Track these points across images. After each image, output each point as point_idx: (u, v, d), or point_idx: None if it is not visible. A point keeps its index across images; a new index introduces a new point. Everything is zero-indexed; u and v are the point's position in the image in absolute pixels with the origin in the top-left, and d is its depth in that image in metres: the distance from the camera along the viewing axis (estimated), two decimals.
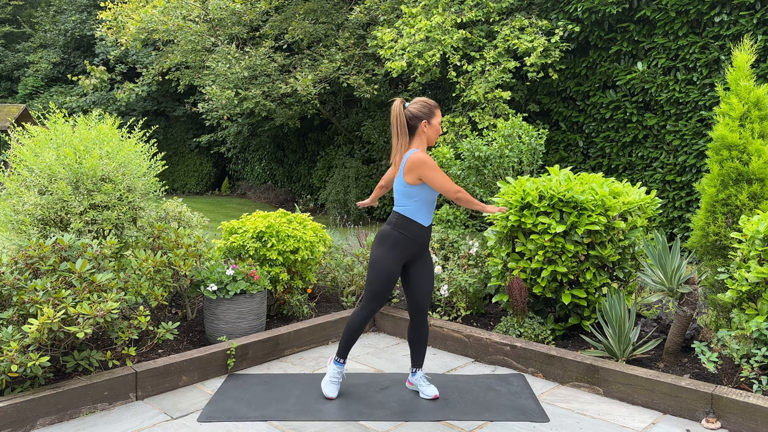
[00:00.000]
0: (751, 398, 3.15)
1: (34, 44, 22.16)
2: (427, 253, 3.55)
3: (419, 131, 3.39)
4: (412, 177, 3.31)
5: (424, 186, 3.35)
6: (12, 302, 3.39)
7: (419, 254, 3.50)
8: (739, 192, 3.96)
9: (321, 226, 5.08)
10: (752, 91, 4.09)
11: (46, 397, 3.21)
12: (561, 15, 9.10)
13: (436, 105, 3.42)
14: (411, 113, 3.38)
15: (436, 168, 3.31)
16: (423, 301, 3.52)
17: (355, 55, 11.49)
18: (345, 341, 3.55)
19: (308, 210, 14.45)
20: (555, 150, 9.60)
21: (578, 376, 3.75)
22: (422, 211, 3.39)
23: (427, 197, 3.38)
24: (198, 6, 11.57)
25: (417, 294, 3.51)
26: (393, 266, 3.39)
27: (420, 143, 3.40)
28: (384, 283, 3.39)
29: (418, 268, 3.50)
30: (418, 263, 3.51)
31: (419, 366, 3.65)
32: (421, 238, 3.43)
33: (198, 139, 17.65)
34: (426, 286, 3.51)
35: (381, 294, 3.43)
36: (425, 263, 3.53)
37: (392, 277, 3.40)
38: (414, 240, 3.40)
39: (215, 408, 3.44)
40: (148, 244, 4.36)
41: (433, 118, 3.39)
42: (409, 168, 3.31)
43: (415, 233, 3.39)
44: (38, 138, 4.48)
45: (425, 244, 3.49)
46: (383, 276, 3.38)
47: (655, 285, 3.84)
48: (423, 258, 3.52)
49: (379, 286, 3.40)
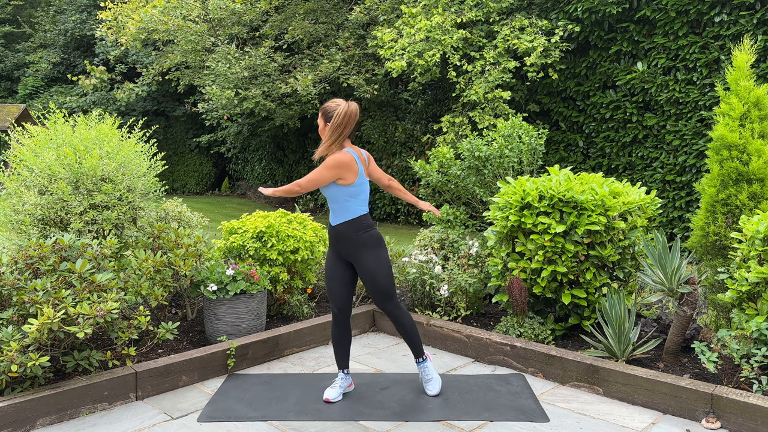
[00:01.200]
0: (751, 398, 3.15)
1: (34, 44, 22.15)
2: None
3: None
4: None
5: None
6: (12, 302, 3.39)
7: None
8: (739, 192, 3.96)
9: (321, 226, 5.08)
10: (752, 91, 4.08)
11: (46, 397, 3.21)
12: (561, 15, 9.10)
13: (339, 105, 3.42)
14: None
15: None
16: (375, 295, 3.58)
17: (355, 55, 11.49)
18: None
19: (308, 210, 14.45)
20: (555, 150, 9.60)
21: (578, 376, 3.75)
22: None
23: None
24: (198, 6, 11.57)
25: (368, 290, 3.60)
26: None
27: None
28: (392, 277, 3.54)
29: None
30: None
31: (417, 355, 3.65)
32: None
33: (198, 139, 17.65)
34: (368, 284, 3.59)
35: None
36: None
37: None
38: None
39: (215, 408, 3.44)
40: (148, 244, 4.36)
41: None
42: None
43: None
44: (38, 138, 4.48)
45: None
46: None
47: (655, 285, 3.84)
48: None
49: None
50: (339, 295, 3.52)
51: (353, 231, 3.40)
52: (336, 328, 3.55)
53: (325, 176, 3.32)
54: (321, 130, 3.45)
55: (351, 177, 3.35)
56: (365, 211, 3.45)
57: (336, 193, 3.39)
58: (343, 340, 3.57)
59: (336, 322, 3.54)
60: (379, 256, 3.43)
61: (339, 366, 3.62)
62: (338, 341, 3.57)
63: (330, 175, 3.32)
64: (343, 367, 3.61)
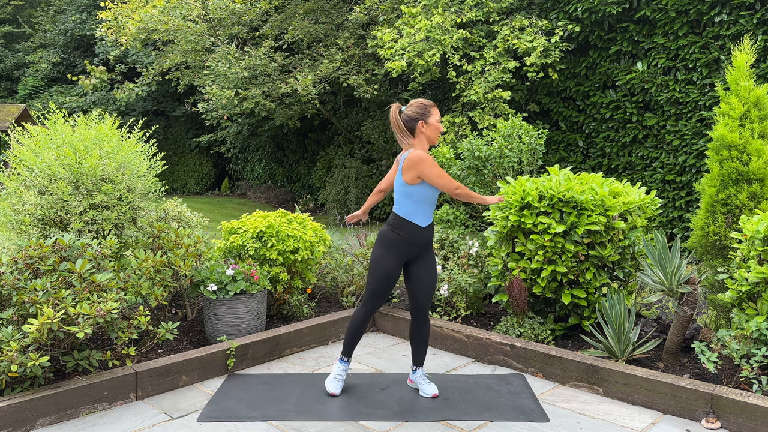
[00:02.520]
0: (751, 398, 3.15)
1: (34, 44, 22.15)
2: (429, 252, 3.57)
3: (417, 132, 3.43)
4: (411, 175, 3.35)
5: (423, 184, 3.38)
6: (12, 302, 3.39)
7: (420, 254, 3.53)
8: (739, 192, 3.96)
9: (321, 226, 5.08)
10: (752, 91, 4.08)
11: (46, 397, 3.21)
12: (561, 15, 9.10)
13: (432, 104, 3.46)
14: (407, 116, 3.44)
15: (434, 164, 3.35)
16: (424, 300, 3.55)
17: (355, 55, 11.49)
18: (348, 340, 3.60)
19: (308, 210, 14.45)
20: (555, 150, 9.60)
21: (578, 376, 3.75)
22: (420, 211, 3.42)
23: (426, 196, 3.41)
24: (198, 6, 11.56)
25: (418, 293, 3.54)
26: (392, 266, 3.43)
27: (420, 143, 3.45)
28: (383, 282, 3.44)
29: (419, 266, 3.53)
30: (419, 262, 3.53)
31: (420, 364, 3.68)
32: (420, 238, 3.45)
33: (198, 139, 17.65)
34: (427, 286, 3.54)
35: (381, 293, 3.47)
36: (427, 262, 3.55)
37: (391, 276, 3.44)
38: (411, 241, 3.43)
39: (215, 408, 3.44)
40: (148, 244, 4.36)
41: (429, 117, 3.43)
42: (408, 166, 3.34)
43: (412, 234, 3.42)
44: (38, 138, 4.48)
45: (425, 244, 3.51)
46: (382, 275, 3.43)
47: (655, 285, 3.84)
48: (425, 257, 3.55)
49: (379, 285, 3.45)
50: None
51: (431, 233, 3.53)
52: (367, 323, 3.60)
53: None
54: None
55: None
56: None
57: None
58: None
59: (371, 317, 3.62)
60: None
61: (348, 353, 3.63)
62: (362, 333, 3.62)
63: None
64: (350, 353, 3.65)
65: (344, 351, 3.64)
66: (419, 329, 3.61)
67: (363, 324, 3.56)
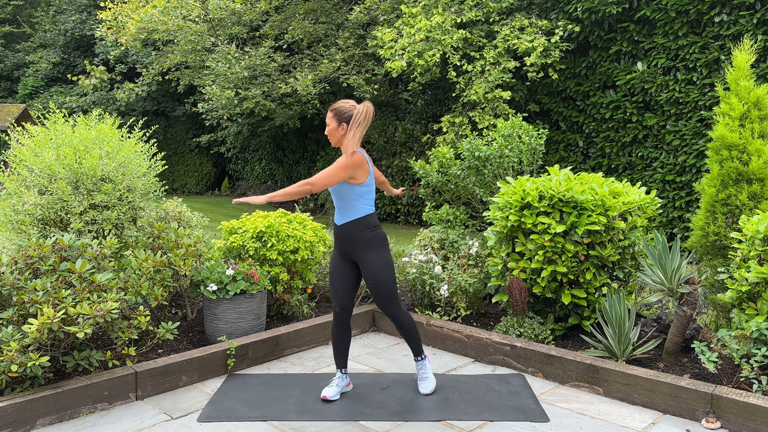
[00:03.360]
0: (751, 398, 3.15)
1: (34, 44, 22.15)
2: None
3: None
4: None
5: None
6: (12, 302, 3.39)
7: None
8: (739, 192, 3.96)
9: (321, 226, 5.08)
10: (752, 91, 4.08)
11: (46, 397, 3.21)
12: (561, 15, 9.10)
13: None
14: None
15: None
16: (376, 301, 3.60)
17: (355, 55, 11.49)
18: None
19: (308, 210, 14.44)
20: (555, 150, 9.60)
21: (578, 376, 3.75)
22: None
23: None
24: (198, 6, 11.57)
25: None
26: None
27: None
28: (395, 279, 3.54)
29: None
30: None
31: (417, 353, 3.68)
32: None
33: (198, 139, 17.66)
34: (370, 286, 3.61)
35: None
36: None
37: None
38: None
39: (215, 408, 3.44)
40: (148, 244, 4.36)
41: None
42: None
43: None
44: (38, 138, 4.48)
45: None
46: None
47: (655, 285, 3.84)
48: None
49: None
50: (342, 294, 3.53)
51: (359, 230, 3.42)
52: (336, 327, 3.56)
53: (339, 175, 3.32)
54: (331, 131, 3.43)
55: (363, 176, 3.38)
56: (372, 211, 3.47)
57: (346, 192, 3.40)
58: (342, 339, 3.58)
59: (337, 321, 3.55)
60: (382, 255, 3.44)
61: (338, 365, 3.63)
62: (338, 340, 3.58)
63: (344, 175, 3.33)
64: (341, 366, 3.62)
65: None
66: (396, 322, 3.59)
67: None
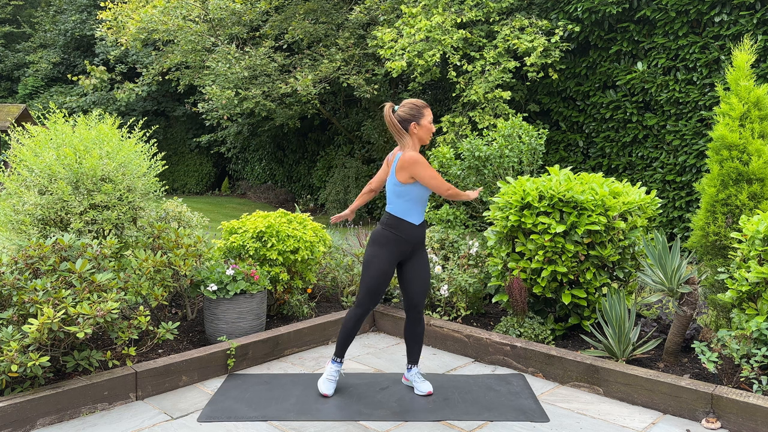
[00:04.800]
0: (751, 398, 3.15)
1: (34, 44, 22.15)
2: (422, 251, 3.60)
3: (410, 132, 3.46)
4: (404, 175, 3.39)
5: (416, 184, 3.41)
6: (12, 302, 3.39)
7: (413, 252, 3.56)
8: (739, 192, 3.96)
9: (321, 226, 5.08)
10: (752, 91, 4.08)
11: (46, 397, 3.21)
12: (561, 15, 9.10)
13: (424, 105, 3.48)
14: (400, 116, 3.46)
15: (427, 166, 3.38)
16: (418, 299, 3.57)
17: (355, 55, 11.49)
18: (341, 341, 3.61)
19: (308, 210, 14.44)
20: (555, 150, 9.60)
21: (578, 376, 3.75)
22: (413, 210, 3.46)
23: (419, 195, 3.45)
24: (198, 6, 11.57)
25: (411, 292, 3.57)
26: (386, 265, 3.45)
27: (412, 144, 3.48)
28: (378, 281, 3.45)
29: (413, 265, 3.57)
30: (412, 261, 3.57)
31: (415, 362, 3.71)
32: (413, 237, 3.48)
33: (198, 139, 17.66)
34: (421, 284, 3.57)
35: (375, 293, 3.49)
36: (420, 261, 3.58)
37: (386, 275, 3.46)
38: (405, 239, 3.46)
39: (215, 408, 3.44)
40: (148, 244, 4.36)
41: (422, 118, 3.45)
42: (401, 166, 3.38)
43: (406, 232, 3.45)
44: (38, 138, 4.48)
45: (418, 243, 3.54)
46: (377, 275, 3.45)
47: (655, 285, 3.84)
48: (418, 256, 3.58)
49: (373, 284, 3.46)
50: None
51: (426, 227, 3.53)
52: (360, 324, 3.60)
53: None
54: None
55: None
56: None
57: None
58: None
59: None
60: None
61: (341, 354, 3.63)
62: (354, 334, 3.62)
63: None
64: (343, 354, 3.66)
65: (337, 352, 3.64)
66: (414, 328, 3.63)
67: (356, 325, 3.57)
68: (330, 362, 3.68)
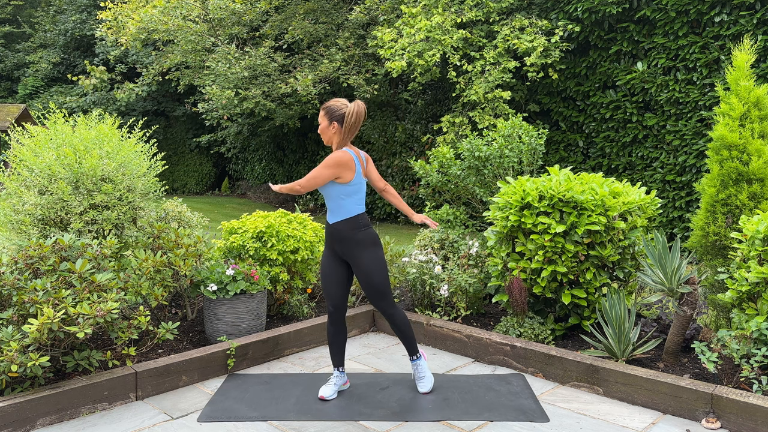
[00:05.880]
0: (751, 398, 3.15)
1: (34, 44, 22.15)
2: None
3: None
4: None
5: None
6: (12, 302, 3.39)
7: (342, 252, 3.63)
8: (739, 192, 3.96)
9: (321, 225, 5.08)
10: (752, 91, 4.08)
11: (46, 397, 3.21)
12: (561, 15, 9.10)
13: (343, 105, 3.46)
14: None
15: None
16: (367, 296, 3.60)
17: (355, 55, 11.50)
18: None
19: (308, 210, 14.45)
20: (555, 150, 9.60)
21: (578, 376, 3.75)
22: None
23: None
24: (198, 6, 11.57)
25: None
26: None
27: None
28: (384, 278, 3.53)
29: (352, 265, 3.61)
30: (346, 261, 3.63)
31: (412, 353, 3.68)
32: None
33: (198, 139, 17.65)
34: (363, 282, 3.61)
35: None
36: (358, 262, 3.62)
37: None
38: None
39: (215, 408, 3.44)
40: (148, 244, 4.36)
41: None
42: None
43: None
44: (38, 138, 4.48)
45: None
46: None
47: (655, 285, 3.84)
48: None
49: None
50: (335, 294, 3.55)
51: (349, 229, 3.44)
52: (331, 326, 3.58)
53: (324, 174, 3.36)
54: (323, 129, 3.47)
55: (349, 176, 3.39)
56: (362, 210, 3.48)
57: (333, 192, 3.43)
58: (337, 337, 3.60)
59: (331, 320, 3.57)
60: (374, 254, 3.46)
61: (334, 364, 3.64)
62: (333, 339, 3.60)
63: (329, 174, 3.36)
64: (338, 364, 3.63)
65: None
66: (390, 321, 3.58)
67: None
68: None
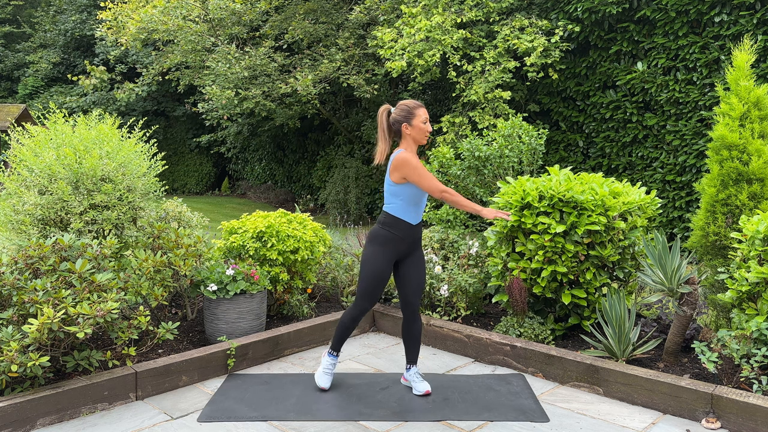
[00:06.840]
0: (751, 398, 3.15)
1: (34, 44, 22.15)
2: (418, 250, 3.62)
3: (403, 134, 3.50)
4: (397, 176, 3.43)
5: (408, 185, 3.44)
6: (12, 302, 3.39)
7: (410, 252, 3.58)
8: (739, 192, 3.96)
9: (321, 226, 5.08)
10: (752, 91, 4.08)
11: (46, 397, 3.21)
12: (561, 15, 9.10)
13: (417, 105, 3.49)
14: (393, 118, 3.52)
15: (418, 167, 3.39)
16: (413, 299, 3.59)
17: (355, 55, 11.49)
18: (338, 336, 3.66)
19: (308, 210, 14.45)
20: (555, 150, 9.60)
21: (578, 376, 3.75)
22: (409, 210, 3.48)
23: (413, 196, 3.46)
24: (198, 6, 11.56)
25: (407, 291, 3.59)
26: (383, 264, 3.47)
27: (406, 144, 3.51)
28: (375, 281, 3.48)
29: (409, 265, 3.59)
30: (409, 260, 3.59)
31: (413, 362, 3.71)
32: (410, 236, 3.51)
33: (198, 139, 17.65)
34: (416, 284, 3.59)
35: (372, 292, 3.51)
36: (416, 260, 3.60)
37: (383, 275, 3.48)
38: (402, 238, 3.48)
39: (215, 408, 3.44)
40: (148, 244, 4.36)
41: (413, 119, 3.47)
42: (394, 167, 3.43)
43: (403, 231, 3.47)
44: (38, 138, 4.48)
45: (415, 242, 3.56)
46: (374, 274, 3.47)
47: (655, 285, 3.84)
48: (414, 255, 3.60)
49: (370, 284, 3.49)
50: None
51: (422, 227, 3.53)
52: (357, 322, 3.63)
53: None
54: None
55: None
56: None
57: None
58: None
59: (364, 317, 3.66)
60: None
61: (337, 348, 3.69)
62: (351, 331, 3.67)
63: None
64: (338, 349, 3.70)
65: (333, 346, 3.70)
66: (410, 327, 3.64)
67: (352, 324, 3.61)
68: (326, 355, 3.73)
